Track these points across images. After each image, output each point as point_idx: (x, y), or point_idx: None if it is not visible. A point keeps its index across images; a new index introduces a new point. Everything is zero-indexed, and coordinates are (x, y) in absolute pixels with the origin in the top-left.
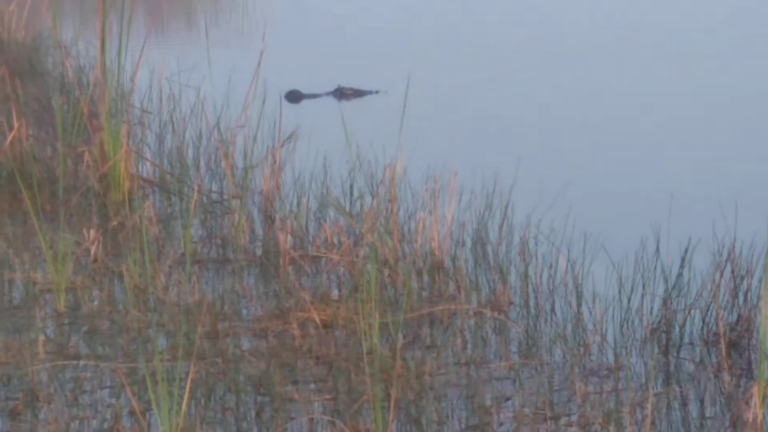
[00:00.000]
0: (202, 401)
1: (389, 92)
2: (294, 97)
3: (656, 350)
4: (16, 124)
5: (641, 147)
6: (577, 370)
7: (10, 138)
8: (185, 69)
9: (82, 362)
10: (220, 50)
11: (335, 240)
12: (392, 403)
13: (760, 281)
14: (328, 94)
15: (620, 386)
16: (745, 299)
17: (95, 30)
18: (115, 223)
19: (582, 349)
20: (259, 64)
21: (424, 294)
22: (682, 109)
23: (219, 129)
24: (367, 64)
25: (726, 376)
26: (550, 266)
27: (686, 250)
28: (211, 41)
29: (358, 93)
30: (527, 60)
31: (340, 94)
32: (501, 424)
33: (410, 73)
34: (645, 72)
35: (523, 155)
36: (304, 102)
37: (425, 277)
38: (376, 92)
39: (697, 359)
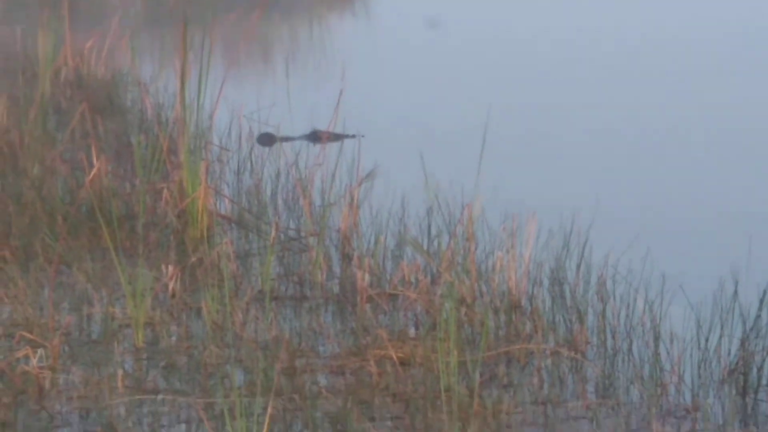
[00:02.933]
0: None
1: (366, 136)
2: (266, 140)
3: (734, 391)
4: (96, 161)
5: (721, 187)
6: (654, 410)
7: (91, 175)
8: (264, 107)
9: (160, 397)
10: (299, 89)
11: (412, 278)
12: None
13: None
14: (304, 137)
15: (697, 427)
16: None
17: (174, 68)
18: (193, 259)
19: (659, 390)
20: (338, 103)
21: (501, 333)
22: (762, 146)
23: (297, 167)
24: (446, 103)
25: None
26: (628, 306)
27: (765, 292)
28: (290, 80)
29: (335, 137)
30: (596, 93)
31: (316, 137)
32: None
33: (489, 109)
34: (720, 106)
35: (601, 194)
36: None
37: (502, 316)
38: (353, 136)
39: None
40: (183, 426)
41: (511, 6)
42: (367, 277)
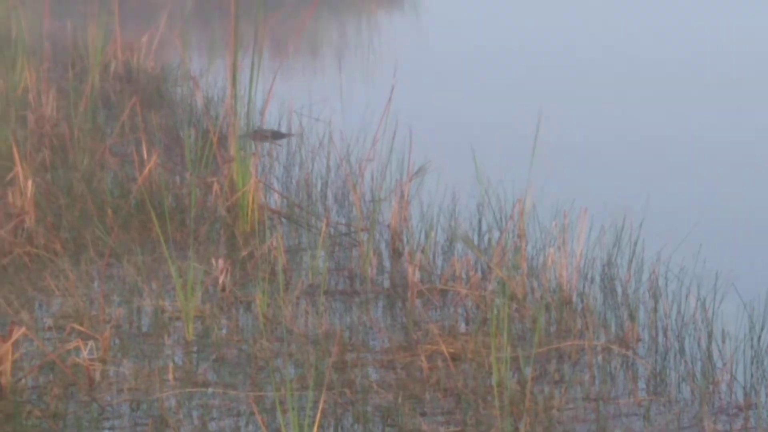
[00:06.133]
0: (331, 431)
1: (303, 135)
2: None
3: None
4: (146, 154)
5: None
6: (706, 407)
7: (148, 168)
8: (315, 102)
9: (210, 390)
10: (349, 84)
11: (463, 274)
12: None
13: None
14: (244, 135)
15: (750, 425)
16: None
17: (225, 62)
18: (243, 253)
19: (711, 387)
20: (390, 99)
21: (552, 329)
22: None
23: (348, 162)
24: (489, 100)
25: None
26: (680, 303)
27: None
28: (341, 75)
29: (277, 135)
30: (647, 92)
31: (258, 136)
32: None
33: (540, 108)
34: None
35: (652, 191)
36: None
37: (553, 313)
38: (292, 135)
39: None
40: (233, 419)
41: (566, 6)
42: (417, 272)
